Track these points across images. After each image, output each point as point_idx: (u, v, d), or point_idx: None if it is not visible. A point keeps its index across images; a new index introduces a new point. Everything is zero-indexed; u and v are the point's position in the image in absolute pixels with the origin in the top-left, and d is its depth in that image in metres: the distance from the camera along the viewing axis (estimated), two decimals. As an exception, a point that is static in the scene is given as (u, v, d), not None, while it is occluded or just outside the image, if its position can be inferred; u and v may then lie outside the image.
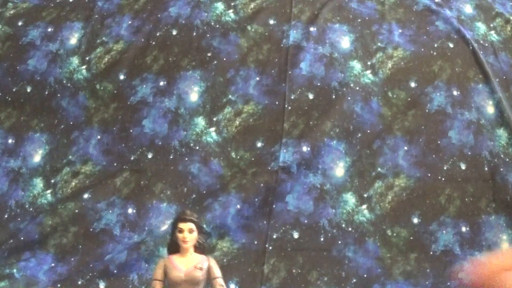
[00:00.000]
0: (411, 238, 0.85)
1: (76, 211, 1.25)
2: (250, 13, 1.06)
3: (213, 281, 0.47)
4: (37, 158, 0.92)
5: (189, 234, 0.49)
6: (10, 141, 0.93)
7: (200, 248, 0.53)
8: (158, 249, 1.21)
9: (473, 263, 0.35)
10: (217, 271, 0.48)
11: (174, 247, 0.54)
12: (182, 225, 0.49)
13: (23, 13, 1.09)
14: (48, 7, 1.09)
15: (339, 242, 1.16)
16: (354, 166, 0.88)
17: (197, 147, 0.91)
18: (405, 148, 0.90)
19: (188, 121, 0.94)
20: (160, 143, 0.91)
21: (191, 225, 0.51)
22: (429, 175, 0.87)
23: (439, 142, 0.90)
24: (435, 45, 1.01)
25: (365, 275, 1.18)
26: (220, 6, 1.07)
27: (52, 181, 0.92)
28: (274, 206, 0.84)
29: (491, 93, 0.95)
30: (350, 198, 0.86)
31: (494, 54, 1.00)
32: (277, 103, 0.94)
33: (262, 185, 0.86)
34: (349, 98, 0.94)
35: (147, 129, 0.93)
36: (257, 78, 0.97)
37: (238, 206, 0.86)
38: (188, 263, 0.48)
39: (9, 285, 1.24)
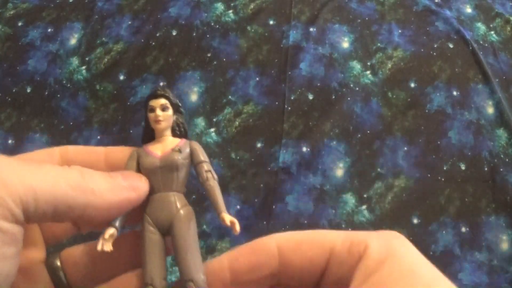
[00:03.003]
0: (411, 238, 0.85)
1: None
2: (250, 14, 1.06)
3: (197, 166, 0.41)
4: (37, 158, 0.92)
5: (161, 112, 0.41)
6: (10, 141, 0.93)
7: (180, 132, 0.43)
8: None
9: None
10: (202, 155, 0.40)
11: (149, 136, 0.45)
12: (152, 103, 0.42)
13: (23, 14, 1.09)
14: (48, 8, 1.09)
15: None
16: (354, 166, 0.88)
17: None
18: (405, 148, 0.90)
19: (188, 121, 0.94)
20: (160, 143, 0.92)
21: (163, 101, 0.42)
22: (429, 175, 0.87)
23: (439, 142, 0.90)
24: (435, 46, 1.01)
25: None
26: (220, 6, 1.07)
27: (52, 181, 0.92)
28: (274, 206, 0.84)
29: (491, 93, 0.95)
30: (350, 199, 0.86)
31: (494, 54, 1.01)
32: (276, 103, 0.94)
33: (262, 185, 0.86)
34: (349, 98, 0.94)
35: (147, 130, 0.93)
36: (257, 79, 0.97)
37: (238, 207, 0.86)
38: (165, 148, 0.42)
39: None
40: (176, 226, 0.31)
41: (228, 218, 0.31)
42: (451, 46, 1.00)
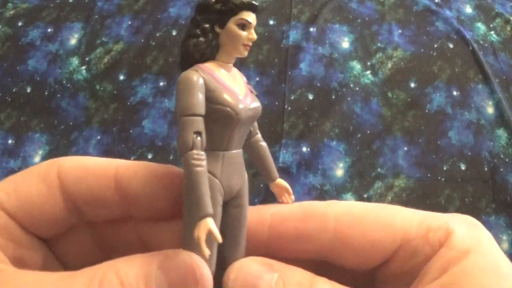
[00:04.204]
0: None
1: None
2: (250, 14, 1.06)
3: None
4: (37, 158, 0.92)
5: (254, 33, 0.26)
6: (10, 141, 0.93)
7: None
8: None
9: None
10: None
11: (207, 51, 0.24)
12: (248, 17, 0.24)
13: (23, 14, 1.09)
14: (48, 8, 1.09)
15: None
16: (354, 166, 0.88)
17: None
18: (405, 148, 0.90)
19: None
20: (160, 143, 0.92)
21: (255, 18, 0.26)
22: (428, 175, 0.87)
23: (439, 142, 0.90)
24: (435, 46, 1.01)
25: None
26: (220, 6, 1.07)
27: (52, 181, 0.92)
28: (274, 206, 0.85)
29: (491, 93, 0.95)
30: (350, 199, 0.86)
31: (494, 54, 1.01)
32: (276, 103, 0.94)
33: (262, 185, 0.86)
34: (348, 98, 0.94)
35: (147, 130, 0.93)
36: (257, 79, 0.97)
37: (238, 207, 0.86)
38: (239, 84, 0.24)
39: None
40: (243, 196, 0.24)
41: (286, 183, 0.25)
42: (451, 46, 1.00)
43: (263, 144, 0.27)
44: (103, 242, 0.24)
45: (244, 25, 0.24)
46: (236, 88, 0.23)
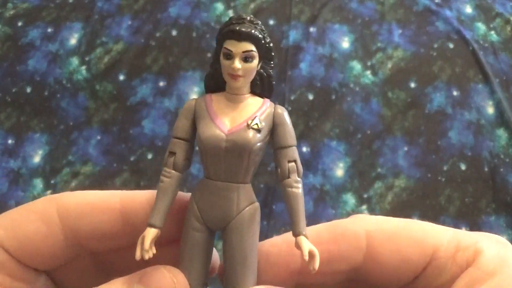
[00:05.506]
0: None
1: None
2: (250, 14, 1.06)
3: (279, 152, 0.25)
4: (37, 158, 0.92)
5: (243, 63, 0.22)
6: (10, 141, 0.93)
7: (262, 87, 0.25)
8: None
9: None
10: (289, 134, 0.25)
11: (217, 83, 0.24)
12: (232, 46, 0.21)
13: (23, 14, 1.08)
14: (48, 7, 1.09)
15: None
16: (354, 166, 0.88)
17: (197, 148, 0.91)
18: (405, 148, 0.90)
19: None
20: (160, 143, 0.92)
21: (249, 47, 0.22)
22: (429, 175, 0.87)
23: (439, 142, 0.90)
24: (435, 45, 1.01)
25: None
26: (220, 6, 1.07)
27: (52, 181, 0.92)
28: (274, 206, 0.84)
29: (491, 93, 0.95)
30: (350, 199, 0.86)
31: (494, 54, 1.00)
32: (276, 103, 0.94)
33: (262, 185, 0.86)
34: (349, 98, 0.94)
35: (147, 130, 0.93)
36: (257, 79, 0.97)
37: (238, 207, 0.86)
38: (238, 116, 0.23)
39: None
40: (233, 232, 0.23)
41: (307, 246, 0.21)
42: (451, 46, 1.00)
43: (291, 190, 0.25)
44: (106, 268, 0.25)
45: (228, 55, 0.22)
46: (224, 118, 0.23)
